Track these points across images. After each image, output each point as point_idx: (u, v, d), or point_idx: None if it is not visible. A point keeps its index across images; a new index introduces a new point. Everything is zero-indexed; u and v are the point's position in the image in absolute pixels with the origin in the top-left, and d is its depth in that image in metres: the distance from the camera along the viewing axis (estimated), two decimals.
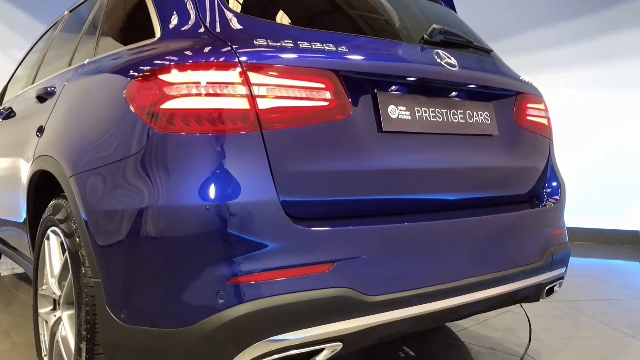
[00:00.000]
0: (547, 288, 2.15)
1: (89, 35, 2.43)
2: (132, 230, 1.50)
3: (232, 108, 1.46)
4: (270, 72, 1.51)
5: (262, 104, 1.48)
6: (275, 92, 1.51)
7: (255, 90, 1.48)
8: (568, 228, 2.34)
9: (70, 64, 2.44)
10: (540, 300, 2.23)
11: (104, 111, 1.73)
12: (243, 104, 1.47)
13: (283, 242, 1.45)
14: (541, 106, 2.31)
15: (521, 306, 3.44)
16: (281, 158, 1.49)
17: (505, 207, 2.05)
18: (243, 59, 1.50)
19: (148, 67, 1.57)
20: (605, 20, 6.22)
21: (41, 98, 2.38)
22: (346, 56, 1.67)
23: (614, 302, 3.72)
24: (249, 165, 1.45)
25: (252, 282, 1.41)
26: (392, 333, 1.71)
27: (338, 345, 1.54)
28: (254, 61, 1.51)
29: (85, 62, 2.19)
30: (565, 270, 2.26)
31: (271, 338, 1.44)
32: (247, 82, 1.48)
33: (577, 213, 6.00)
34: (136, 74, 1.60)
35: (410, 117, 1.79)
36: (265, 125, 1.48)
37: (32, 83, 2.99)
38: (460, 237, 1.81)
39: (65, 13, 3.04)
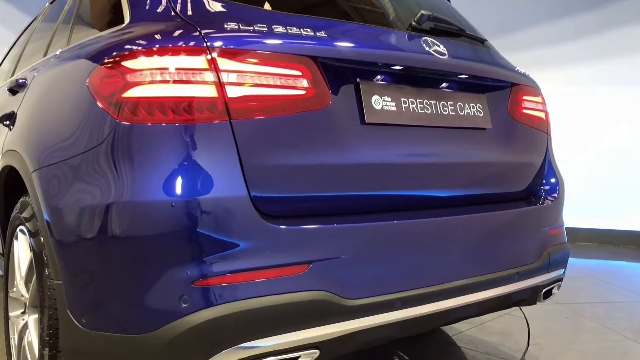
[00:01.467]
0: (544, 290, 2.03)
1: (64, 25, 2.32)
2: (91, 228, 1.39)
3: (198, 96, 1.35)
4: (241, 58, 1.40)
5: (232, 92, 1.38)
6: (247, 79, 1.40)
7: (225, 77, 1.38)
8: (570, 228, 2.22)
9: (45, 55, 2.34)
10: (538, 303, 2.11)
11: (67, 102, 1.63)
12: (210, 92, 1.36)
13: (253, 242, 1.34)
14: (538, 99, 2.19)
15: (520, 309, 3.33)
16: (253, 150, 1.38)
17: (499, 204, 1.94)
18: (212, 44, 1.39)
19: (111, 54, 1.47)
20: (606, 17, 6.09)
21: (13, 91, 2.28)
22: (325, 42, 1.56)
23: (617, 305, 3.60)
24: (217, 158, 1.34)
25: (219, 285, 1.30)
26: (374, 339, 1.59)
27: (315, 353, 1.43)
28: (224, 46, 1.40)
29: (57, 52, 2.08)
30: (564, 271, 2.14)
31: (241, 345, 1.33)
32: (215, 69, 1.37)
33: (580, 213, 5.89)
34: (99, 61, 1.50)
35: (396, 109, 1.67)
36: (234, 115, 1.37)
37: (12, 76, 2.89)
38: (449, 236, 1.70)
39: (47, 5, 2.94)
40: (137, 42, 1.44)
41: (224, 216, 1.32)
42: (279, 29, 1.51)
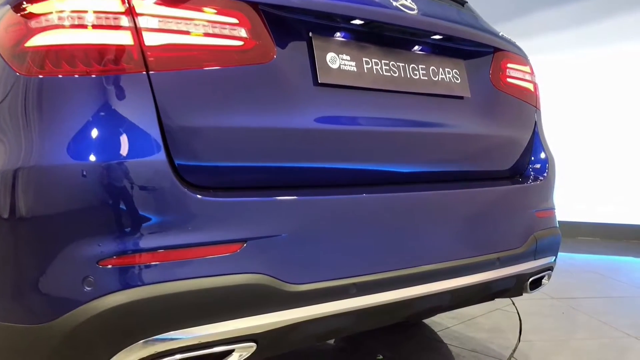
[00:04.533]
0: (531, 280, 1.82)
1: None
2: None
3: (110, 44, 1.15)
4: (164, 1, 1.20)
5: (150, 39, 1.17)
6: (170, 25, 1.20)
7: (142, 22, 1.17)
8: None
9: None
10: (526, 294, 1.92)
11: None
12: (125, 39, 1.16)
13: (175, 215, 1.14)
14: (526, 68, 1.98)
15: (513, 304, 3.12)
16: (176, 108, 1.18)
17: (478, 182, 1.72)
18: None
19: (18, 0, 1.27)
20: (609, 3, 5.86)
21: None
22: None
23: (618, 300, 3.38)
24: (131, 117, 1.14)
25: (131, 265, 1.10)
26: (325, 332, 1.39)
27: (251, 347, 1.22)
28: None
29: None
30: (555, 259, 1.93)
31: (158, 337, 1.13)
32: (130, 12, 1.17)
33: (582, 206, 5.66)
34: (7, 10, 1.30)
35: (356, 69, 1.47)
36: (153, 66, 1.16)
37: None
38: (417, 215, 1.49)
39: None
40: None
41: (135, 184, 1.11)
42: None
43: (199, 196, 1.17)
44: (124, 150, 1.11)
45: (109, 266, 1.08)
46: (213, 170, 1.22)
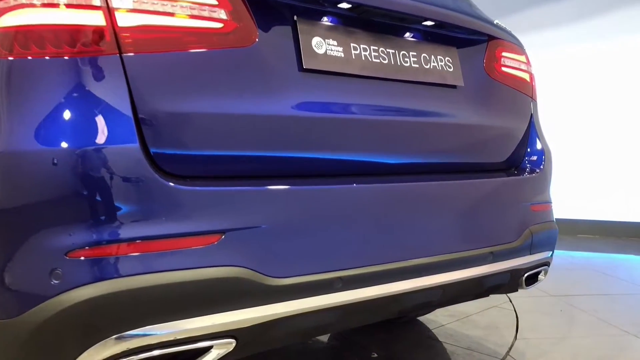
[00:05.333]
0: (526, 275, 1.76)
1: None
2: None
3: (80, 24, 1.10)
4: None
5: (124, 20, 1.12)
6: (145, 5, 1.14)
7: (115, 2, 1.12)
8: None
9: None
10: (522, 291, 1.86)
11: None
12: (96, 19, 1.10)
13: (149, 205, 1.09)
14: (522, 58, 1.92)
15: (510, 301, 3.06)
16: (151, 93, 1.12)
17: (472, 174, 1.67)
18: None
19: None
20: None
21: None
22: None
23: (617, 298, 3.32)
24: (102, 102, 1.08)
25: (101, 257, 1.04)
26: (310, 328, 1.33)
27: (230, 343, 1.17)
28: None
29: None
30: (552, 255, 1.87)
31: (130, 332, 1.07)
32: None
33: (582, 203, 5.60)
34: None
35: (343, 55, 1.41)
36: (127, 48, 1.11)
37: None
38: (407, 207, 1.44)
39: None
40: None
41: (107, 172, 1.06)
42: None
43: (174, 185, 1.11)
44: (95, 136, 1.06)
45: (78, 258, 1.03)
46: (190, 158, 1.17)
